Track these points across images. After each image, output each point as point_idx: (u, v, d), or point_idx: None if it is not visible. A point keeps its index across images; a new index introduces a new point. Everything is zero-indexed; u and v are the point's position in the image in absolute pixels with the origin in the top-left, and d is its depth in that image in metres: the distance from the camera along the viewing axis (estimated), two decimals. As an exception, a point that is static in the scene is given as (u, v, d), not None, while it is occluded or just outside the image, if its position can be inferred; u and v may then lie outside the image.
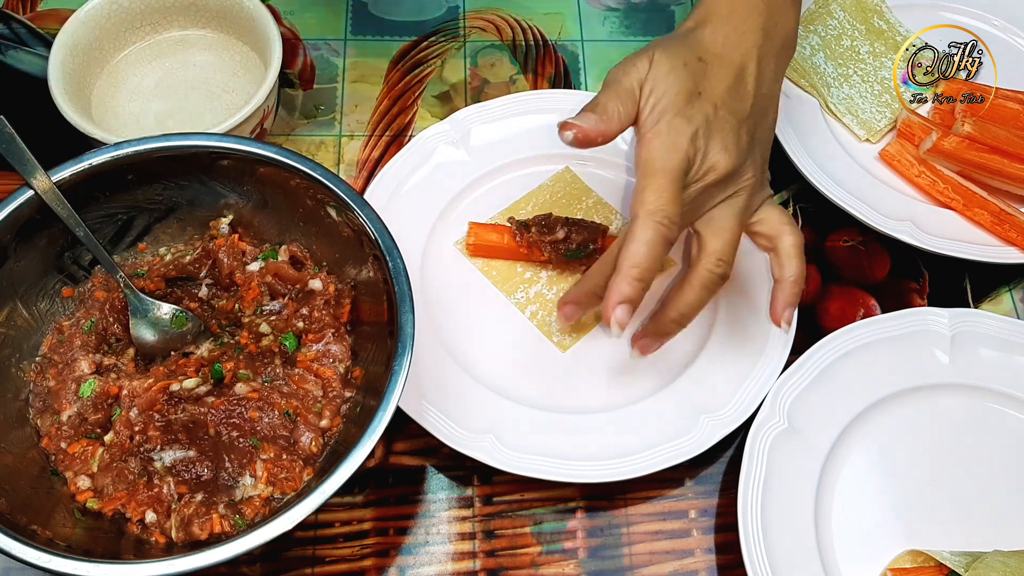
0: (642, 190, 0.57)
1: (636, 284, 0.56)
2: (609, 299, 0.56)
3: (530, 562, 0.62)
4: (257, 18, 0.73)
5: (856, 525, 0.63)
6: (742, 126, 0.61)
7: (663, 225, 0.56)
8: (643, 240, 0.56)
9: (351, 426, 0.58)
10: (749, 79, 0.62)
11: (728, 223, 0.61)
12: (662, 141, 0.58)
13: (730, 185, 0.60)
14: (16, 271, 0.59)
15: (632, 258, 0.56)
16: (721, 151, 0.59)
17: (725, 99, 0.61)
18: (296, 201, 0.62)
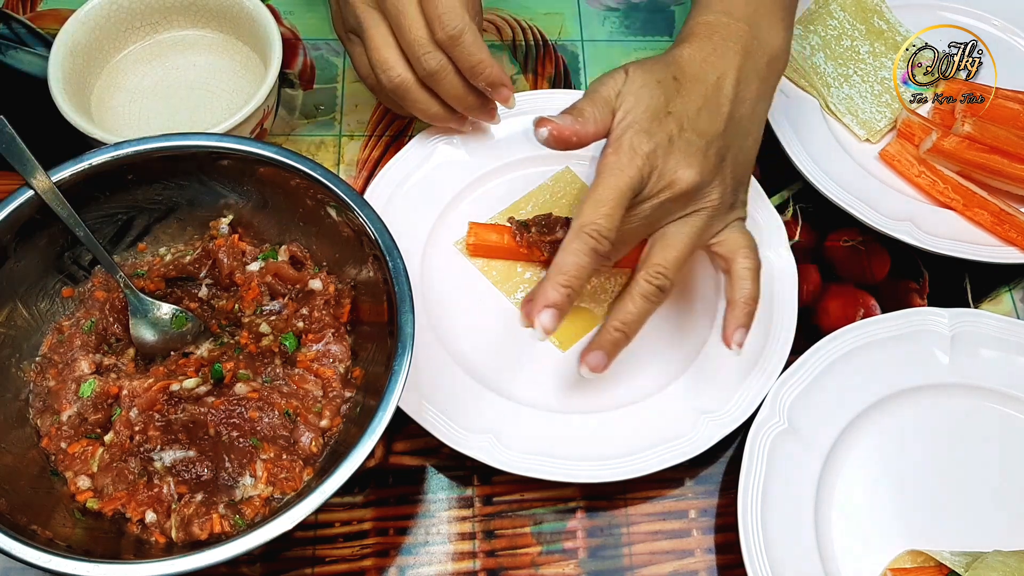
0: (584, 202, 0.59)
1: (561, 290, 0.57)
2: (535, 303, 0.58)
3: (530, 562, 0.62)
4: (257, 18, 0.73)
5: (856, 525, 0.63)
6: (710, 146, 0.61)
7: (592, 238, 0.57)
8: (571, 250, 0.57)
9: (351, 426, 0.58)
10: (724, 100, 0.63)
11: (678, 239, 0.62)
12: (619, 156, 0.59)
13: (690, 204, 0.61)
14: (16, 271, 0.59)
15: (559, 266, 0.58)
16: (683, 168, 0.60)
17: (694, 119, 0.61)
18: (296, 201, 0.62)
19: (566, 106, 0.76)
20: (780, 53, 0.68)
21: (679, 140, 0.60)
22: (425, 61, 0.63)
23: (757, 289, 0.63)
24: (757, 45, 0.65)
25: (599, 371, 0.61)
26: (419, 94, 0.66)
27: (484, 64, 0.64)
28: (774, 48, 0.67)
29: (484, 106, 0.69)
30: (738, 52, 0.64)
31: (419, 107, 0.67)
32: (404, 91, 0.66)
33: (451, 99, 0.67)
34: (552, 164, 0.76)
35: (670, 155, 0.60)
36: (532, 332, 0.57)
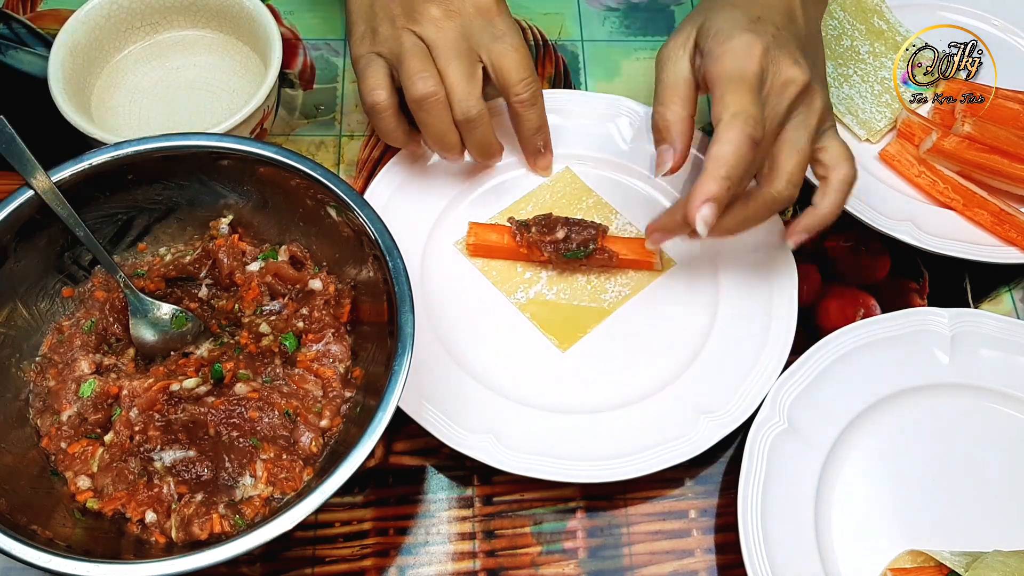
0: (721, 97, 0.58)
1: (722, 183, 0.57)
2: (694, 198, 0.57)
3: (530, 562, 0.62)
4: (257, 18, 0.73)
5: (856, 525, 0.63)
6: (804, 47, 0.62)
7: (748, 124, 0.57)
8: (728, 140, 0.57)
9: (351, 426, 0.58)
10: (798, 13, 0.64)
11: (801, 144, 0.61)
12: (735, 54, 0.59)
13: (803, 102, 0.61)
14: (16, 271, 0.59)
15: (719, 158, 0.57)
16: (793, 65, 0.60)
17: (783, 23, 0.62)
18: (296, 201, 0.62)
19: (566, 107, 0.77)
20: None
21: (780, 38, 0.60)
22: (467, 106, 0.64)
23: (842, 202, 0.64)
24: None
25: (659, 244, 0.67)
26: (445, 114, 0.65)
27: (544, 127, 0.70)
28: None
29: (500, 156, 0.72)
30: None
31: (441, 128, 0.66)
32: (432, 104, 0.64)
33: (476, 145, 0.68)
34: (555, 164, 0.76)
35: (781, 51, 0.60)
36: (698, 227, 0.57)
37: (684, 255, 0.73)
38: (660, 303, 0.70)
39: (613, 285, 0.71)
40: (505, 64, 0.65)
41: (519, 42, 0.65)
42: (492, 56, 0.65)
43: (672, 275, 0.72)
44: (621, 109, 0.77)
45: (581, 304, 0.70)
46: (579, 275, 0.71)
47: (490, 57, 0.65)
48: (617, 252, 0.69)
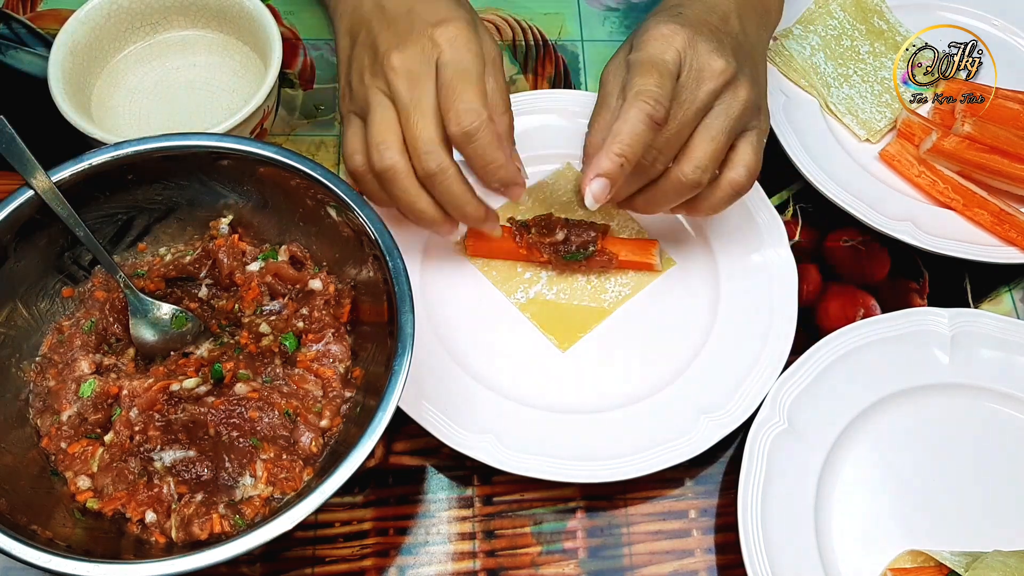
0: (631, 79, 0.58)
1: (615, 159, 0.57)
2: (588, 171, 0.57)
3: (530, 562, 0.62)
4: (257, 18, 0.73)
5: (856, 525, 0.63)
6: (730, 42, 0.61)
7: (649, 104, 0.56)
8: (626, 118, 0.57)
9: (351, 426, 0.58)
10: (731, 16, 0.63)
11: (715, 132, 0.60)
12: (654, 42, 0.59)
13: (727, 92, 0.60)
14: (16, 271, 0.59)
15: (615, 134, 0.57)
16: (714, 53, 0.59)
17: (711, 21, 0.62)
18: (296, 201, 0.62)
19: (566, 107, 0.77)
20: (774, 8, 0.68)
21: (704, 30, 0.60)
22: (426, 160, 0.59)
23: (721, 206, 0.63)
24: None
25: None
26: (409, 183, 0.60)
27: (498, 165, 0.60)
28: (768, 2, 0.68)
29: (484, 218, 0.64)
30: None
31: (407, 198, 0.61)
32: (393, 175, 0.60)
33: (447, 203, 0.61)
34: (552, 164, 0.76)
35: (703, 43, 0.59)
36: (587, 200, 0.57)
37: (684, 255, 0.73)
38: (660, 303, 0.70)
39: (613, 285, 0.71)
40: (441, 96, 0.59)
41: (462, 67, 0.58)
42: (438, 87, 0.59)
43: (672, 275, 0.72)
44: (621, 109, 0.77)
45: (581, 304, 0.70)
46: (579, 275, 0.71)
47: (439, 88, 0.59)
48: (617, 253, 0.69)
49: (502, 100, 0.62)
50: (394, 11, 0.62)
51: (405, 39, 0.60)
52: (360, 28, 0.64)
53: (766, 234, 0.72)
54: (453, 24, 0.60)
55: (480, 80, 0.59)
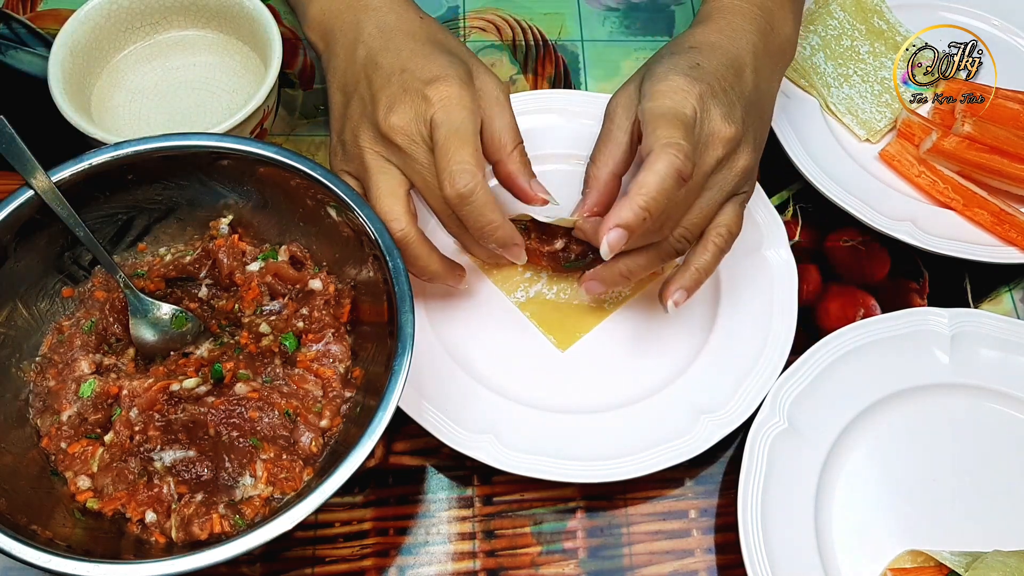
0: (653, 130, 0.56)
1: (639, 212, 0.54)
2: (608, 219, 0.55)
3: (530, 562, 0.62)
4: (257, 18, 0.73)
5: (856, 525, 0.63)
6: (740, 105, 0.60)
7: (677, 157, 0.54)
8: (655, 170, 0.54)
9: (351, 426, 0.58)
10: (747, 71, 0.62)
11: (709, 205, 0.60)
12: (671, 93, 0.57)
13: (727, 162, 0.60)
14: (16, 271, 0.59)
15: (641, 186, 0.54)
16: (723, 120, 0.58)
17: (725, 76, 0.60)
18: (296, 201, 0.62)
19: (566, 107, 0.77)
20: (789, 43, 0.67)
21: (718, 90, 0.59)
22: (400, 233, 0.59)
23: (714, 264, 0.62)
24: (769, 30, 0.65)
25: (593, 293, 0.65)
26: (421, 249, 0.61)
27: (494, 226, 0.60)
28: (784, 36, 0.66)
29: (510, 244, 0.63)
30: (754, 32, 0.64)
31: (419, 264, 0.61)
32: (405, 245, 0.60)
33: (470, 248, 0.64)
34: (552, 164, 0.75)
35: (713, 103, 0.58)
36: (602, 249, 0.55)
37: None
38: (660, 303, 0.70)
39: (613, 285, 0.71)
40: (436, 157, 0.58)
41: (453, 128, 0.57)
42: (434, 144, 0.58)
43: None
44: (621, 109, 0.77)
45: (581, 304, 0.70)
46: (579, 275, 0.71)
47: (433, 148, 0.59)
48: (617, 252, 0.69)
49: (511, 138, 0.61)
50: (388, 69, 0.61)
51: (400, 100, 0.59)
52: (354, 85, 0.63)
53: (766, 234, 0.72)
54: (444, 82, 0.59)
55: (473, 138, 0.58)
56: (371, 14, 0.65)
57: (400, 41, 0.62)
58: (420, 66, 0.60)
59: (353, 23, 0.65)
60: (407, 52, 0.61)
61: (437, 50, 0.62)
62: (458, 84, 0.59)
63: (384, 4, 0.65)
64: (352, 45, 0.64)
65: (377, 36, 0.63)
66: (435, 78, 0.59)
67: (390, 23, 0.64)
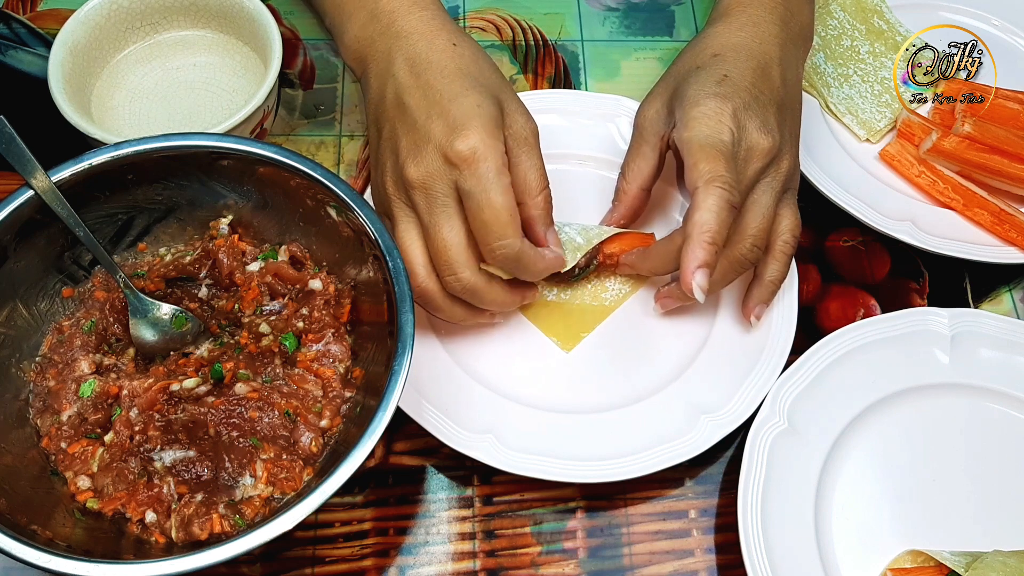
0: (695, 164, 0.58)
1: (709, 248, 0.57)
2: (686, 267, 0.57)
3: (530, 562, 0.62)
4: (257, 18, 0.73)
5: (856, 525, 0.63)
6: (774, 109, 0.62)
7: (725, 190, 0.57)
8: (708, 207, 0.57)
9: (351, 426, 0.58)
10: (774, 67, 0.63)
11: (767, 208, 0.62)
12: (707, 120, 0.59)
13: (772, 167, 0.62)
14: (16, 271, 0.59)
15: (702, 224, 0.57)
16: (760, 130, 0.60)
17: (754, 82, 0.61)
18: (296, 201, 0.62)
19: (566, 107, 0.77)
20: (808, 29, 0.68)
21: (750, 101, 0.60)
22: (452, 283, 0.59)
23: (787, 269, 0.65)
24: (790, 17, 0.65)
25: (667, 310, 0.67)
26: (443, 303, 0.61)
27: (544, 269, 0.62)
28: (803, 22, 0.67)
29: (522, 301, 0.65)
30: (775, 22, 0.64)
31: (443, 315, 0.62)
32: (427, 299, 0.61)
33: (487, 304, 0.62)
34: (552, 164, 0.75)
35: (747, 116, 0.60)
36: (696, 295, 0.58)
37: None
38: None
39: (613, 283, 0.71)
40: (472, 224, 0.58)
41: (486, 197, 0.56)
42: (466, 213, 0.58)
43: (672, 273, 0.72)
44: (621, 109, 0.77)
45: (582, 303, 0.70)
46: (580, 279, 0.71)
47: (467, 215, 0.58)
48: (617, 254, 0.69)
49: (537, 181, 0.60)
50: (414, 112, 0.59)
51: (422, 150, 0.58)
52: (384, 123, 0.62)
53: (766, 234, 0.72)
54: (469, 134, 0.56)
55: (506, 203, 0.57)
56: (402, 43, 0.62)
57: (429, 77, 0.60)
58: (445, 110, 0.58)
59: (385, 53, 0.63)
60: (434, 92, 0.59)
61: (467, 87, 0.59)
62: (480, 134, 0.57)
63: (416, 29, 0.63)
64: (383, 78, 0.63)
65: (406, 71, 0.61)
66: (460, 127, 0.57)
67: (420, 54, 0.61)
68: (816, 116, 0.80)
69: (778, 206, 0.64)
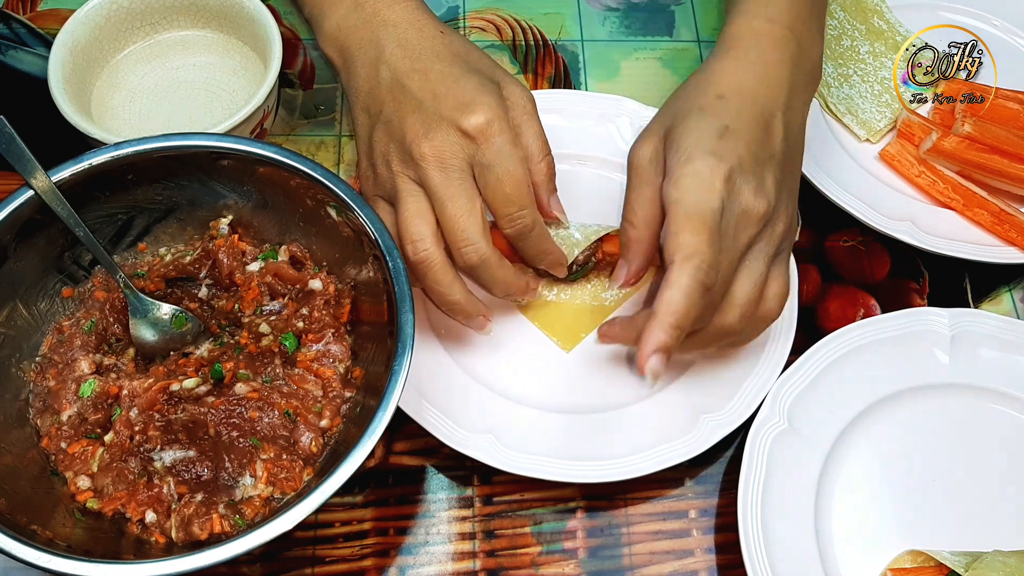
0: (676, 233, 0.54)
1: (672, 332, 0.53)
2: (644, 347, 0.53)
3: (530, 562, 0.62)
4: (257, 18, 0.73)
5: (856, 525, 0.63)
6: (772, 167, 0.58)
7: (701, 271, 0.53)
8: (679, 286, 0.53)
9: (351, 426, 0.58)
10: (778, 117, 0.59)
11: (757, 275, 0.58)
12: (698, 183, 0.55)
13: (765, 232, 0.58)
14: (16, 271, 0.59)
15: (669, 305, 0.53)
16: (755, 194, 0.56)
17: (755, 136, 0.58)
18: (296, 201, 0.62)
19: (566, 107, 0.77)
20: (818, 63, 0.64)
21: (747, 160, 0.56)
22: (468, 254, 0.58)
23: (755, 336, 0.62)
24: (800, 54, 0.61)
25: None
26: (443, 274, 0.59)
27: (549, 251, 0.62)
28: (815, 57, 0.63)
29: (527, 289, 0.64)
30: (787, 62, 0.60)
31: (439, 289, 0.60)
32: (427, 267, 0.59)
33: (491, 285, 0.61)
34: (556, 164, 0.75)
35: (743, 179, 0.56)
36: (647, 376, 0.54)
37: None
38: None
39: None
40: (489, 196, 0.59)
41: (506, 168, 0.58)
42: (481, 187, 0.59)
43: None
44: (621, 109, 0.77)
45: (583, 303, 0.70)
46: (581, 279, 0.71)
47: (482, 188, 0.59)
48: (616, 252, 0.69)
49: (539, 148, 0.61)
50: (418, 93, 0.59)
51: (434, 127, 0.58)
52: (379, 106, 0.62)
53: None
54: (481, 110, 0.58)
55: (524, 175, 0.59)
56: (390, 31, 0.63)
57: (426, 62, 0.61)
58: (451, 90, 0.59)
59: (372, 40, 0.63)
60: (435, 75, 0.60)
61: (466, 70, 0.61)
62: (492, 110, 0.58)
63: (403, 19, 0.63)
64: (374, 64, 0.62)
65: (401, 56, 0.61)
66: (469, 104, 0.58)
67: (412, 40, 0.62)
68: (816, 116, 0.80)
69: (773, 268, 0.60)
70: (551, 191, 0.63)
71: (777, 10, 0.63)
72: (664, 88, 0.83)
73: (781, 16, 0.62)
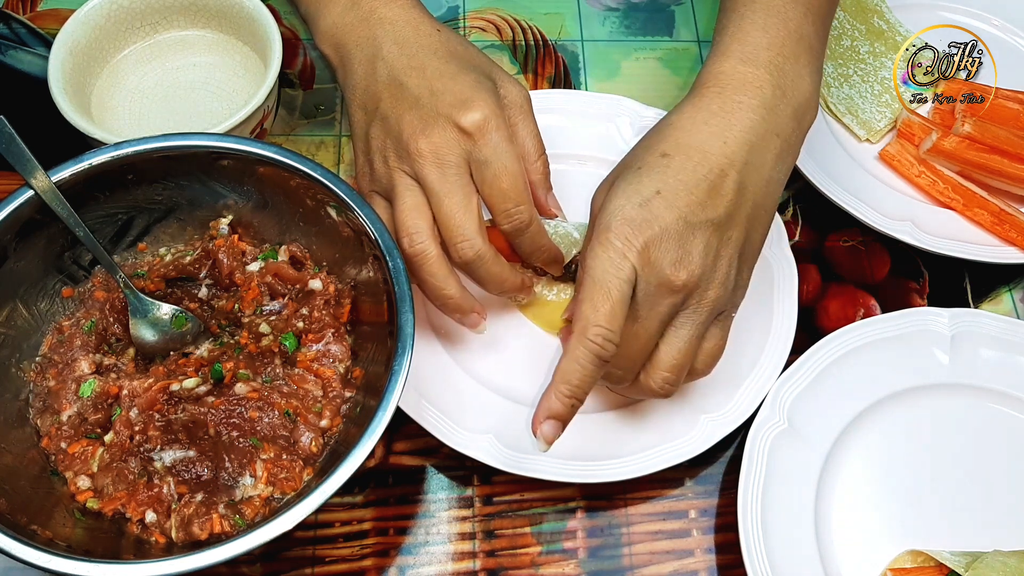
0: (581, 302, 0.54)
1: (565, 401, 0.54)
2: (537, 412, 0.55)
3: (530, 562, 0.62)
4: (257, 18, 0.73)
5: (856, 525, 0.63)
6: (705, 233, 0.55)
7: (597, 344, 0.53)
8: (575, 358, 0.54)
9: (351, 426, 0.58)
10: (730, 179, 0.56)
11: (682, 342, 0.56)
12: (609, 255, 0.54)
13: (692, 301, 0.56)
14: (16, 271, 0.59)
15: (563, 374, 0.54)
16: (674, 266, 0.54)
17: (692, 200, 0.55)
18: (296, 201, 0.62)
19: (566, 107, 0.77)
20: (808, 102, 0.60)
21: (674, 228, 0.54)
22: (464, 248, 0.58)
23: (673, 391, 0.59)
24: (779, 96, 0.58)
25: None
26: (438, 268, 0.59)
27: (546, 248, 0.62)
28: (801, 97, 0.59)
29: (521, 286, 0.63)
30: (756, 109, 0.57)
31: (434, 283, 0.59)
32: (422, 260, 0.58)
33: (486, 282, 0.61)
34: (555, 163, 0.75)
35: (662, 251, 0.54)
36: (534, 443, 0.55)
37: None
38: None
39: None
40: (486, 192, 0.59)
41: (504, 165, 0.58)
42: (478, 183, 0.59)
43: None
44: (621, 109, 0.77)
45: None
46: (579, 275, 0.71)
47: (479, 184, 0.59)
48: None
49: (535, 147, 0.62)
50: (415, 90, 0.60)
51: (431, 123, 0.58)
52: (376, 103, 0.62)
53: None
54: (478, 107, 0.58)
55: (521, 171, 0.59)
56: (387, 28, 0.63)
57: (423, 59, 0.61)
58: (448, 87, 0.59)
59: (369, 38, 0.63)
60: (432, 72, 0.60)
61: (462, 68, 0.61)
62: (489, 107, 0.58)
63: (399, 17, 0.63)
64: (370, 62, 0.62)
65: (398, 54, 0.62)
66: (466, 101, 0.58)
67: (408, 38, 0.62)
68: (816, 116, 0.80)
69: (707, 330, 0.58)
70: (548, 189, 0.64)
71: (754, 48, 0.59)
72: (664, 88, 0.84)
73: (757, 55, 0.59)
